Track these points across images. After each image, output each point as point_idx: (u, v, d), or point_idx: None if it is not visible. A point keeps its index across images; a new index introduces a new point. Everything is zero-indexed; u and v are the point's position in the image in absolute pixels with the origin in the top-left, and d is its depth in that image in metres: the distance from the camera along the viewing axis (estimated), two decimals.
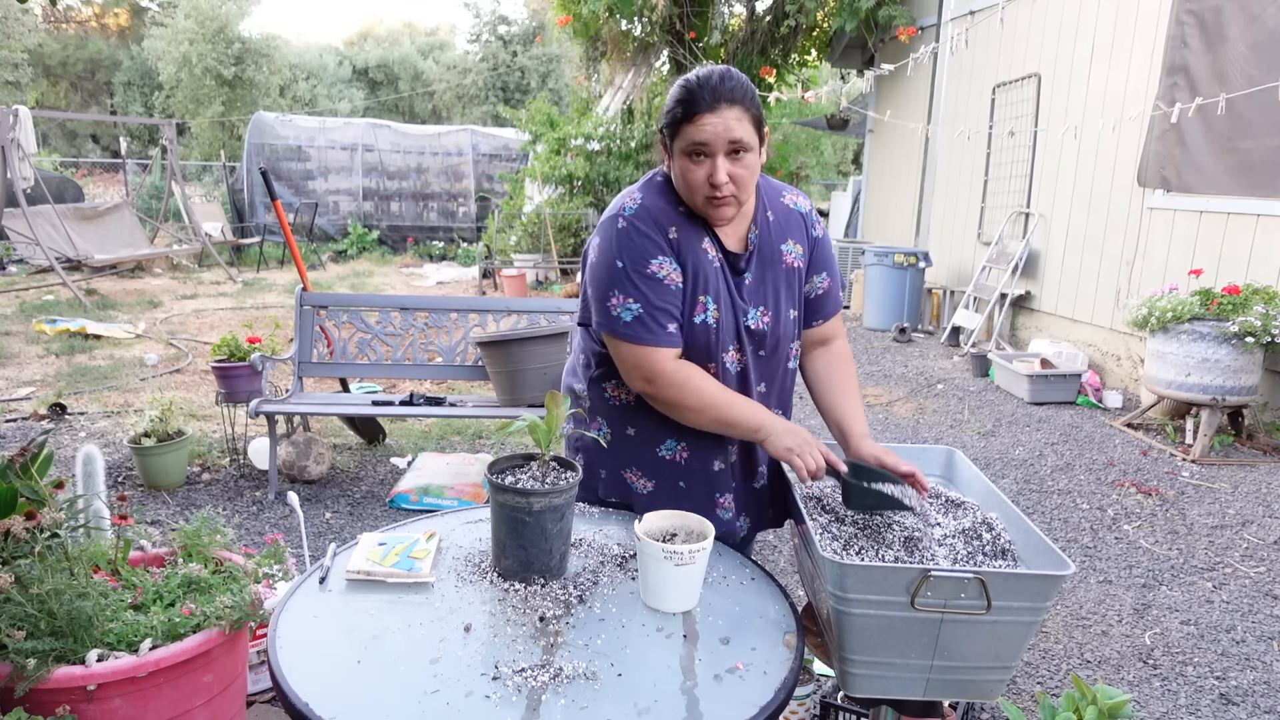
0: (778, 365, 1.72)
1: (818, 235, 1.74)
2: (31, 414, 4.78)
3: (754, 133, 1.52)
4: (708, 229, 1.63)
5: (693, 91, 1.50)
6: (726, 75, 1.51)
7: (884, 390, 5.89)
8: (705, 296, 1.61)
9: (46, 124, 24.35)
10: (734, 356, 1.66)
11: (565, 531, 1.47)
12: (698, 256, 1.60)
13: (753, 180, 1.56)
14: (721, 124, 1.48)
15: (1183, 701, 2.40)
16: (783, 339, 1.69)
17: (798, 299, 1.71)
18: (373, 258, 13.21)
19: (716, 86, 1.48)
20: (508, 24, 27.91)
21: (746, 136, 1.50)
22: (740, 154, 1.51)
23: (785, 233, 1.69)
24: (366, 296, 4.25)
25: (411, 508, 3.64)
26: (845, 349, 1.81)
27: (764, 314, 1.66)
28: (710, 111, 1.48)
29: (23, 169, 8.79)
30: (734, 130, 1.48)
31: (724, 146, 1.49)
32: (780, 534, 3.49)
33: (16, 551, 1.64)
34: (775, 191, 1.73)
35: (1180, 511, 3.75)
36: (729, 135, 1.48)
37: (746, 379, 1.69)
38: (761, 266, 1.66)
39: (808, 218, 1.73)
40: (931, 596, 1.22)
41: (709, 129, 1.48)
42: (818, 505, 1.61)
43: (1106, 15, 5.95)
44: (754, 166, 1.54)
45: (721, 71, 1.51)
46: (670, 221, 1.61)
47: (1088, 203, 6.17)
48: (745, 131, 1.50)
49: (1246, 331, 4.18)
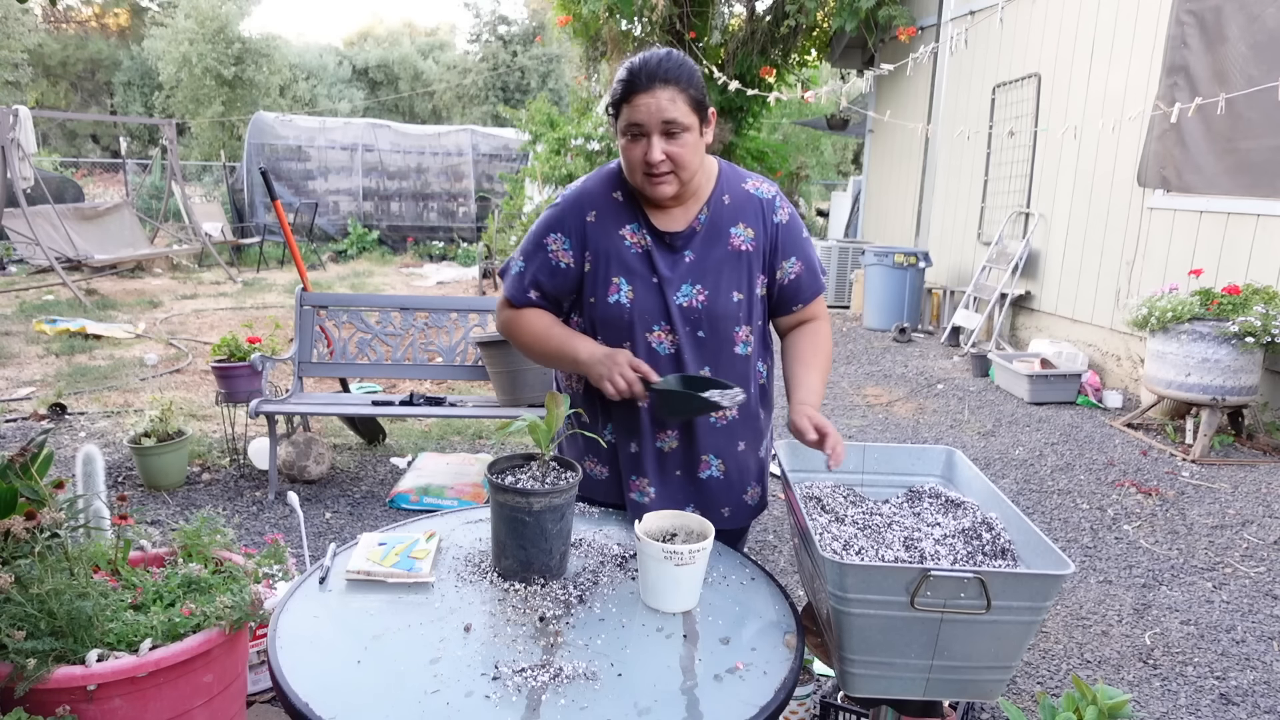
0: (721, 347, 1.69)
1: (780, 221, 1.71)
2: (31, 414, 4.78)
3: (691, 113, 1.56)
4: (639, 213, 1.67)
5: (632, 73, 1.55)
6: (665, 58, 1.55)
7: (884, 390, 5.89)
8: (618, 278, 1.67)
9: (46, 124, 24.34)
10: (661, 336, 1.67)
11: (565, 531, 1.47)
12: (610, 241, 1.67)
13: (692, 158, 1.58)
14: (655, 104, 1.53)
15: (1183, 701, 2.40)
16: (723, 319, 1.67)
17: (747, 283, 1.69)
18: (373, 258, 13.21)
19: (653, 69, 1.53)
20: (508, 24, 27.91)
21: (681, 117, 1.54)
22: (676, 134, 1.55)
23: (738, 215, 1.69)
24: (366, 296, 4.25)
25: (411, 508, 3.64)
26: (822, 327, 1.78)
27: (699, 292, 1.66)
28: (645, 92, 1.53)
29: (23, 169, 8.78)
30: (667, 110, 1.53)
31: (658, 126, 1.54)
32: (780, 534, 3.49)
33: (16, 551, 1.64)
34: (739, 178, 1.74)
35: (1180, 511, 3.75)
36: (662, 115, 1.53)
37: (682, 361, 1.68)
38: (706, 246, 1.67)
39: (768, 204, 1.71)
40: (931, 596, 1.22)
41: (643, 109, 1.54)
42: (818, 505, 1.61)
43: (1106, 15, 5.95)
44: (692, 145, 1.57)
45: (661, 54, 1.56)
46: (594, 206, 1.70)
47: (1088, 203, 6.17)
48: (680, 112, 1.54)
49: (1246, 331, 4.18)
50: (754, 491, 1.80)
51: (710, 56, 10.97)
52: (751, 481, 1.79)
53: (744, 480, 1.77)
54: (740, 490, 1.78)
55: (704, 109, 1.59)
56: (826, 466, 1.54)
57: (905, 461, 1.77)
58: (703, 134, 1.60)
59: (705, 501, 1.75)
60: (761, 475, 1.82)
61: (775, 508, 3.76)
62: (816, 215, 16.18)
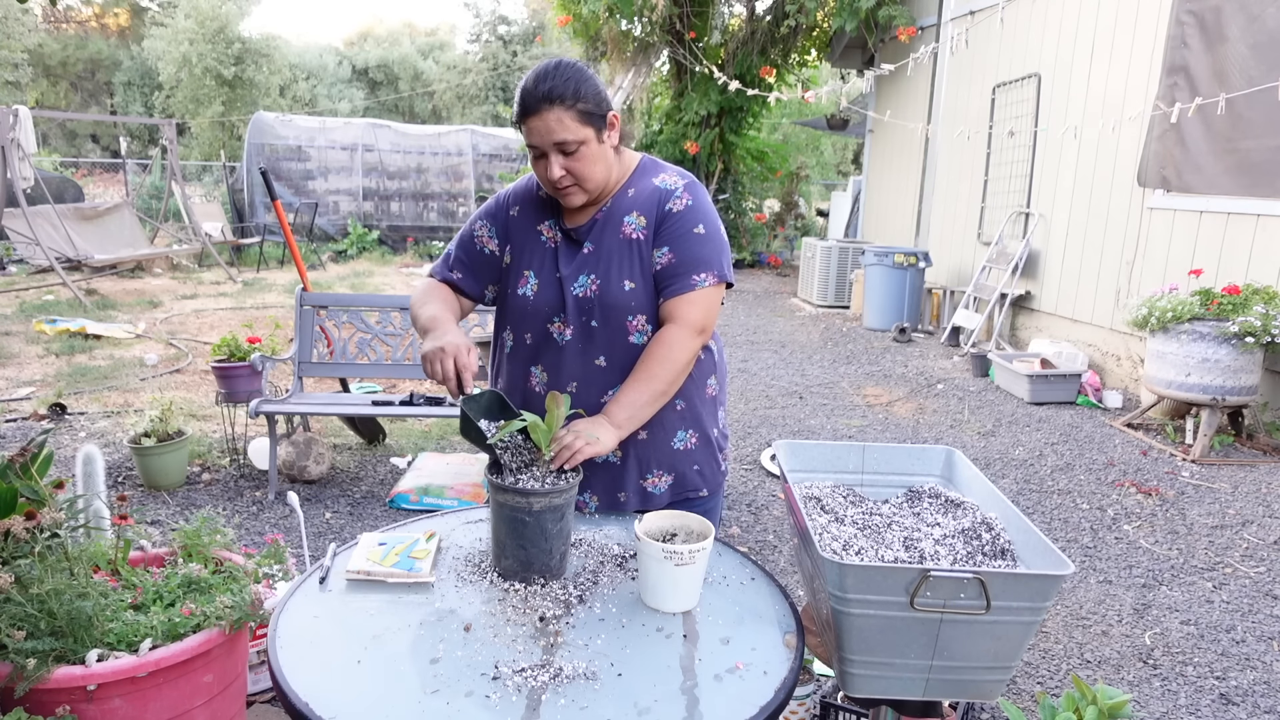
0: (614, 337, 1.68)
1: (670, 209, 1.67)
2: (31, 414, 4.78)
3: (583, 127, 1.56)
4: (555, 211, 1.74)
5: (521, 96, 1.57)
6: (548, 75, 1.55)
7: (884, 390, 5.89)
8: (529, 271, 1.73)
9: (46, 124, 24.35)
10: (560, 327, 1.70)
11: (565, 531, 1.47)
12: (526, 235, 1.75)
13: (592, 169, 1.61)
14: (544, 127, 1.55)
15: (1183, 701, 2.40)
16: (614, 309, 1.66)
17: (640, 271, 1.68)
18: (373, 258, 13.21)
19: (538, 92, 1.54)
20: (508, 24, 27.92)
21: (572, 135, 1.55)
22: (572, 150, 1.57)
23: (634, 205, 1.69)
24: (366, 296, 4.25)
25: (411, 508, 3.64)
26: (670, 335, 1.64)
27: (593, 281, 1.67)
28: (534, 115, 1.55)
29: (23, 169, 8.78)
30: (556, 132, 1.55)
31: (551, 147, 1.57)
32: (780, 534, 3.49)
33: (16, 551, 1.64)
34: (655, 171, 1.74)
35: (1180, 511, 3.75)
36: (552, 138, 1.56)
37: (575, 351, 1.69)
38: (600, 236, 1.69)
39: (666, 193, 1.69)
40: (931, 596, 1.22)
41: (535, 134, 1.57)
42: (818, 505, 1.61)
43: (1106, 15, 5.95)
44: (590, 156, 1.59)
45: (545, 71, 1.55)
46: (519, 202, 1.78)
47: (1088, 203, 6.17)
48: (570, 130, 1.55)
49: (1246, 331, 4.18)
50: (656, 479, 1.76)
51: (710, 56, 10.97)
52: (654, 469, 1.75)
53: (644, 468, 1.74)
54: (639, 476, 1.75)
55: (598, 117, 1.58)
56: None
57: (905, 462, 1.76)
58: (603, 140, 1.61)
59: (602, 487, 1.76)
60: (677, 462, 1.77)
61: (775, 507, 3.76)
62: (816, 215, 16.18)
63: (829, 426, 5.01)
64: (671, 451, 1.77)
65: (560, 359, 1.71)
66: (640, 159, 1.77)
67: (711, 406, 1.83)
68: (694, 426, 1.79)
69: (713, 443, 1.83)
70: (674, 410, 1.76)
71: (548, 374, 1.74)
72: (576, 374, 1.71)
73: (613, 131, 1.64)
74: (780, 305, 9.58)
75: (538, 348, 1.74)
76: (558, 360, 1.71)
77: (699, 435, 1.80)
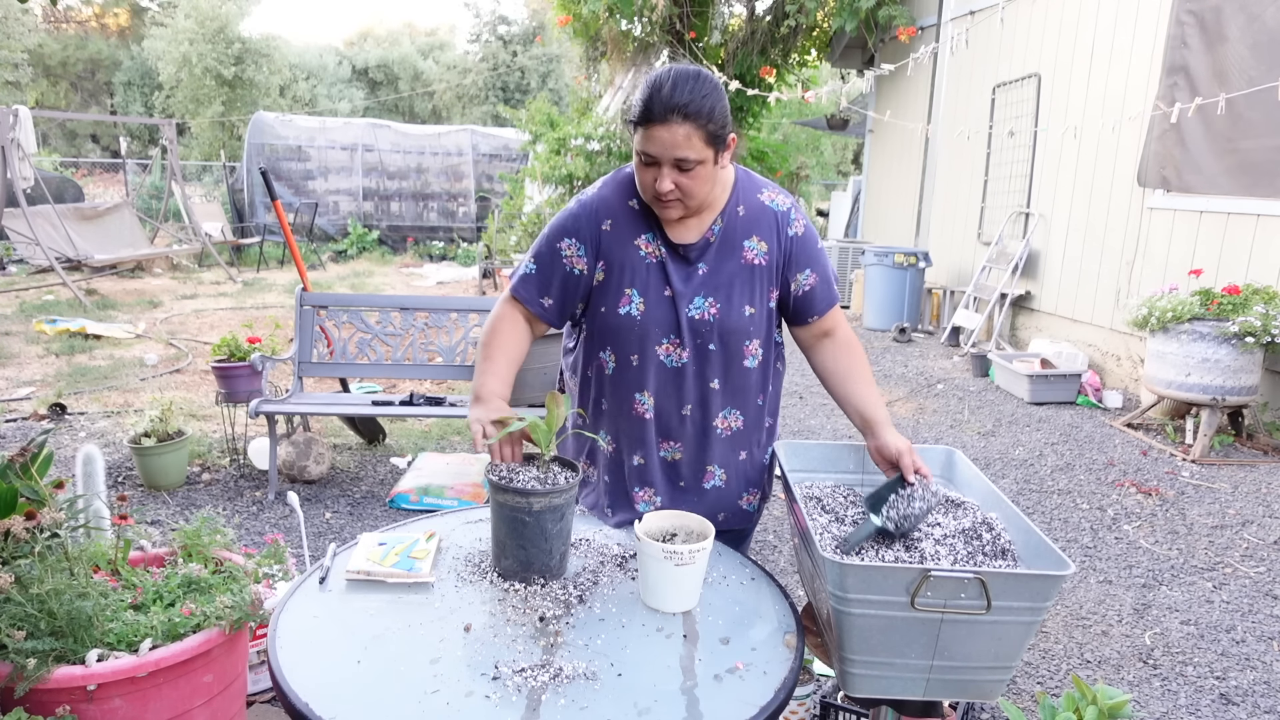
0: (730, 361, 1.68)
1: (795, 234, 1.68)
2: (31, 414, 4.78)
3: (706, 148, 1.51)
4: (654, 224, 1.65)
5: (651, 98, 1.49)
6: (688, 87, 1.47)
7: (884, 390, 5.88)
8: (630, 290, 1.65)
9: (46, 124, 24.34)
10: (670, 349, 1.65)
11: (565, 531, 1.47)
12: (626, 252, 1.65)
13: (702, 188, 1.55)
14: (670, 139, 1.48)
15: (1183, 701, 2.40)
16: (734, 333, 1.65)
17: (759, 296, 1.67)
18: (373, 258, 13.21)
19: (672, 102, 1.46)
20: (508, 24, 27.91)
21: (694, 155, 1.49)
22: (689, 168, 1.51)
23: (751, 229, 1.66)
24: (366, 296, 4.25)
25: (411, 508, 3.64)
26: (850, 337, 1.76)
27: (712, 305, 1.64)
28: (661, 124, 1.48)
29: (23, 169, 8.78)
30: (680, 149, 1.48)
31: (670, 160, 1.50)
32: (780, 534, 3.49)
33: (16, 551, 1.64)
34: (755, 188, 1.70)
35: (1180, 511, 3.75)
36: (674, 153, 1.49)
37: (690, 374, 1.67)
38: (719, 259, 1.65)
39: (782, 216, 1.68)
40: (931, 596, 1.22)
41: (656, 143, 1.49)
42: (818, 505, 1.61)
43: (1106, 15, 5.95)
44: (704, 176, 1.54)
45: (684, 79, 1.48)
46: (610, 215, 1.67)
47: (1088, 203, 6.17)
48: (694, 150, 1.49)
49: (1246, 331, 4.18)
50: (750, 497, 1.83)
51: (710, 56, 10.97)
52: (750, 487, 1.82)
53: (742, 487, 1.80)
54: (737, 497, 1.80)
55: (721, 140, 1.53)
56: (908, 482, 1.53)
57: None
58: (719, 162, 1.56)
59: (706, 509, 1.77)
60: (760, 480, 1.84)
61: (775, 507, 3.76)
62: (817, 215, 16.18)
63: (829, 426, 5.01)
64: (761, 467, 1.83)
65: (676, 382, 1.67)
66: (735, 172, 1.70)
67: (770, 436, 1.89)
68: (770, 440, 1.85)
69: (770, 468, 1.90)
70: (764, 428, 1.81)
71: (659, 398, 1.69)
72: (692, 398, 1.69)
73: (728, 153, 1.58)
74: None
75: (645, 370, 1.67)
76: (672, 383, 1.67)
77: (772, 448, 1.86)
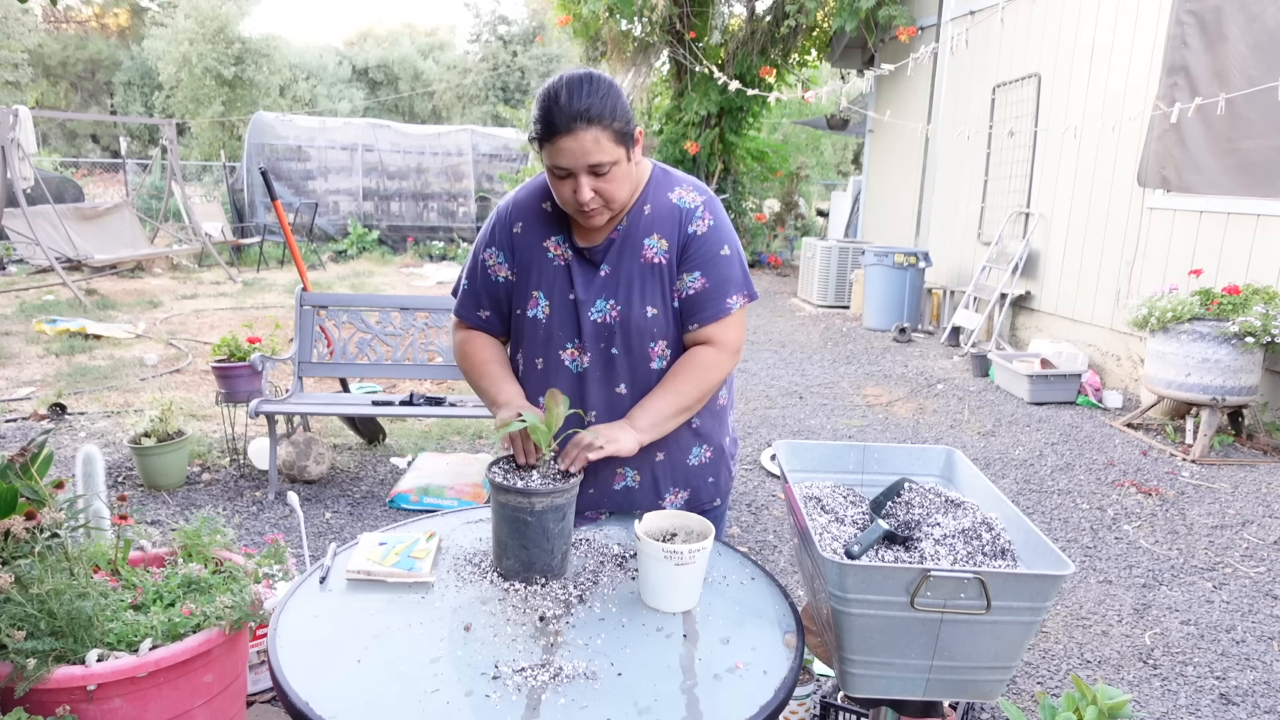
0: (635, 364, 1.63)
1: (694, 231, 1.61)
2: (31, 414, 4.78)
3: (616, 147, 1.48)
4: (564, 226, 1.64)
5: (551, 109, 1.44)
6: (581, 91, 1.43)
7: (884, 390, 5.89)
8: (538, 292, 1.64)
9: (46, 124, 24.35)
10: (573, 354, 1.63)
11: (566, 531, 1.47)
12: (534, 254, 1.65)
13: (623, 188, 1.53)
14: (579, 148, 1.44)
15: (1183, 701, 2.40)
16: (637, 335, 1.61)
17: (661, 296, 1.61)
18: (373, 258, 13.21)
19: (572, 106, 1.43)
20: (508, 24, 27.92)
21: (607, 157, 1.46)
22: (605, 172, 1.48)
23: (653, 226, 1.61)
24: (366, 296, 4.25)
25: (411, 508, 3.64)
26: (710, 356, 1.62)
27: (613, 307, 1.60)
28: (567, 134, 1.43)
29: (23, 169, 8.78)
30: (591, 155, 1.45)
31: (584, 169, 1.47)
32: (780, 534, 3.49)
33: (16, 551, 1.64)
34: (670, 185, 1.65)
35: (1180, 511, 3.75)
36: (586, 160, 1.45)
37: (594, 379, 1.64)
38: (620, 259, 1.61)
39: (687, 213, 1.61)
40: (931, 596, 1.22)
41: (567, 155, 1.45)
42: (818, 505, 1.61)
43: (1106, 15, 5.95)
44: (621, 177, 1.51)
45: (578, 84, 1.44)
46: (522, 217, 1.67)
47: (1088, 203, 6.17)
48: (605, 152, 1.46)
49: (1246, 331, 4.18)
50: (674, 496, 1.76)
51: (710, 56, 10.97)
52: (673, 487, 1.75)
53: (664, 487, 1.74)
54: (657, 496, 1.74)
55: (629, 136, 1.50)
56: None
57: (905, 461, 1.76)
58: (631, 158, 1.53)
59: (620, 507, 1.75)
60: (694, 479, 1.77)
61: (775, 507, 3.76)
62: (816, 215, 16.18)
63: (829, 426, 5.01)
64: (687, 468, 1.77)
65: (579, 387, 1.64)
66: (651, 169, 1.67)
67: (722, 417, 1.82)
68: (707, 441, 1.78)
69: (725, 452, 1.83)
70: (689, 428, 1.74)
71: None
72: (597, 403, 1.65)
73: (638, 147, 1.55)
74: (780, 305, 9.58)
75: (549, 374, 1.65)
76: (575, 388, 1.64)
77: (713, 449, 1.79)
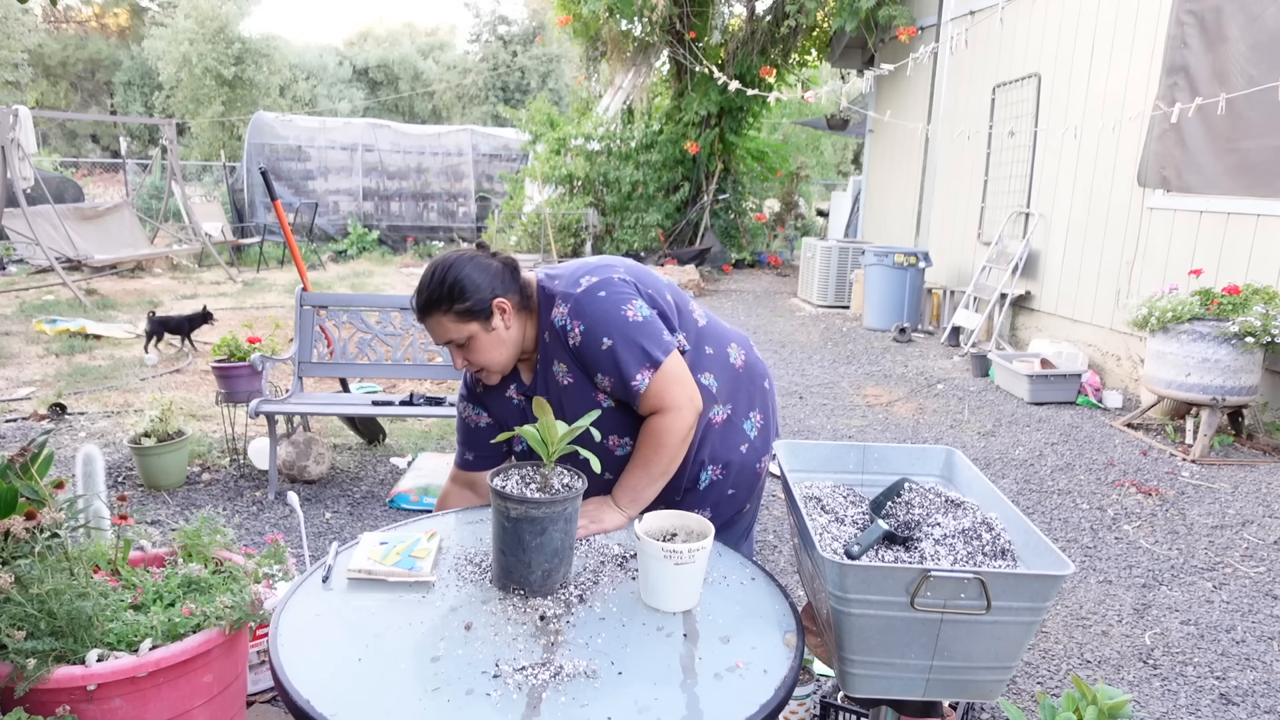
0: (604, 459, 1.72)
1: (574, 345, 1.70)
2: (31, 414, 4.78)
3: (466, 324, 1.67)
4: (515, 373, 1.84)
5: (413, 299, 1.72)
6: (425, 283, 1.67)
7: (884, 390, 5.89)
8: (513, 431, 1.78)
9: (46, 124, 24.36)
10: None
11: (548, 549, 1.46)
12: (499, 402, 1.87)
13: (491, 353, 1.71)
14: (435, 331, 1.70)
15: (1183, 701, 2.40)
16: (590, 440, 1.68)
17: (593, 403, 1.74)
18: (373, 258, 13.21)
19: (418, 301, 1.69)
20: (508, 24, 27.93)
21: (458, 335, 1.68)
22: (464, 345, 1.70)
23: (553, 354, 1.76)
24: (366, 296, 4.25)
25: (411, 508, 3.64)
26: (655, 424, 1.70)
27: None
28: (423, 320, 1.72)
29: (23, 169, 8.77)
30: (444, 335, 1.70)
31: (446, 345, 1.72)
32: (780, 534, 3.49)
33: (16, 551, 1.64)
34: (550, 303, 1.74)
35: (1180, 511, 3.75)
36: (443, 339, 1.71)
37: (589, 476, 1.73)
38: (548, 387, 1.79)
39: (564, 331, 1.71)
40: (931, 597, 1.22)
41: (431, 335, 1.73)
42: (818, 505, 1.61)
43: (1106, 15, 5.95)
44: (483, 346, 1.70)
45: (427, 275, 1.68)
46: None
47: (1088, 203, 6.17)
48: (455, 332, 1.68)
49: (1246, 331, 4.18)
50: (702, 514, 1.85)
51: (710, 56, 10.98)
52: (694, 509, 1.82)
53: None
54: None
55: (479, 311, 1.67)
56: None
57: (905, 462, 1.77)
58: (493, 328, 1.69)
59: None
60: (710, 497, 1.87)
61: (775, 507, 3.76)
62: (816, 215, 16.19)
63: (829, 426, 5.01)
64: (700, 494, 1.85)
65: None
66: (537, 291, 1.76)
67: (727, 432, 1.86)
68: (713, 462, 1.84)
69: (739, 464, 1.88)
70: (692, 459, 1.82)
71: None
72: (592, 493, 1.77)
73: (505, 315, 1.70)
74: (780, 305, 9.58)
75: None
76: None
77: (722, 465, 1.85)
